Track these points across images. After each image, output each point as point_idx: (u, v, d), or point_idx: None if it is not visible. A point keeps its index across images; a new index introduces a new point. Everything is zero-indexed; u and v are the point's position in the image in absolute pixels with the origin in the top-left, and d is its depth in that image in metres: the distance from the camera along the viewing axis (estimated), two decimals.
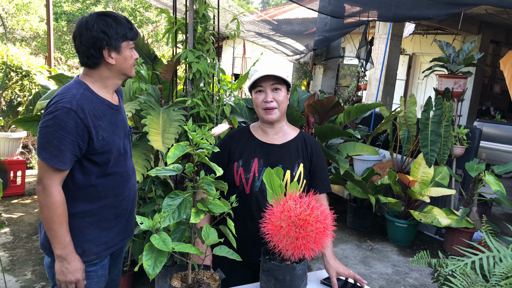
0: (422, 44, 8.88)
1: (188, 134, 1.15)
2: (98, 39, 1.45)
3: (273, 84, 1.62)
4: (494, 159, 6.46)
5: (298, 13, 7.32)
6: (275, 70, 1.62)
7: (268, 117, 1.64)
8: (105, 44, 1.47)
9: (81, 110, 1.42)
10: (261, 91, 1.63)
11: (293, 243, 1.20)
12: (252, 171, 1.64)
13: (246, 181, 1.64)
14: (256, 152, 1.68)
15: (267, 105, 1.62)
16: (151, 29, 11.43)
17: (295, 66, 10.59)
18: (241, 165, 1.66)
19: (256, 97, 1.65)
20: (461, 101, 4.26)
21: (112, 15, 1.50)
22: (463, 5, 3.69)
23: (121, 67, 1.53)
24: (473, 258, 1.89)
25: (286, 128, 1.75)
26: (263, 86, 1.62)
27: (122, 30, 1.49)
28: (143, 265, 1.08)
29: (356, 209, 4.39)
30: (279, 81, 1.62)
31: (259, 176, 1.64)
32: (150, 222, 1.16)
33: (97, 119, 1.47)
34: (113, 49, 1.49)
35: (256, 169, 1.65)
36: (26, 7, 9.56)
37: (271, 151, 1.68)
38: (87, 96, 1.47)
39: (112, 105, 1.57)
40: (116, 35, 1.48)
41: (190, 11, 2.64)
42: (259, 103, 1.64)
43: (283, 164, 1.66)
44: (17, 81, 5.23)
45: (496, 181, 3.46)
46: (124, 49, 1.51)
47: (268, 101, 1.61)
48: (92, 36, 1.45)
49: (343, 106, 3.17)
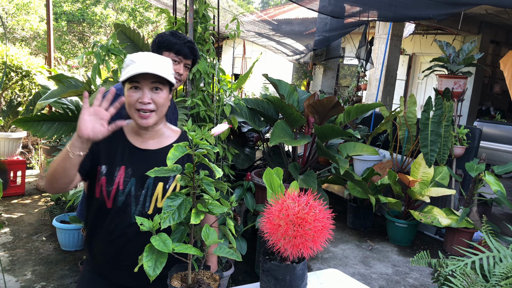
0: (422, 44, 8.88)
1: (188, 134, 1.15)
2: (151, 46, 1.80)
3: (153, 83, 1.35)
4: (494, 159, 6.46)
5: (298, 13, 7.32)
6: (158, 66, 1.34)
7: (143, 122, 1.35)
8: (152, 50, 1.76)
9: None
10: (137, 88, 1.34)
11: (291, 242, 1.20)
12: (116, 183, 1.38)
13: (108, 195, 1.38)
14: (125, 158, 1.40)
15: (143, 107, 1.34)
16: (151, 29, 11.43)
17: (295, 66, 10.60)
18: (104, 173, 1.39)
19: (130, 95, 1.34)
20: (461, 101, 4.26)
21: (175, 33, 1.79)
22: (463, 5, 3.69)
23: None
24: (473, 258, 1.89)
25: (165, 131, 1.48)
26: (141, 83, 1.34)
27: (168, 42, 1.74)
28: (144, 266, 1.08)
29: (356, 209, 4.39)
30: (161, 79, 1.35)
31: (124, 189, 1.38)
32: (150, 223, 1.16)
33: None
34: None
35: (121, 180, 1.38)
36: (26, 7, 9.57)
37: (143, 158, 1.41)
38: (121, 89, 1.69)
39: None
40: (161, 44, 1.74)
41: (190, 11, 2.64)
42: (133, 102, 1.34)
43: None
44: (17, 81, 5.23)
45: (496, 181, 3.46)
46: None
47: (144, 102, 1.33)
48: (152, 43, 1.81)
49: (343, 106, 3.17)
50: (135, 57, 1.35)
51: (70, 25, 10.71)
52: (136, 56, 1.35)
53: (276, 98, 3.14)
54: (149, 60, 1.35)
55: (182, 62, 1.79)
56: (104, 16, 10.49)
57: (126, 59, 1.37)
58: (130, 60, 1.35)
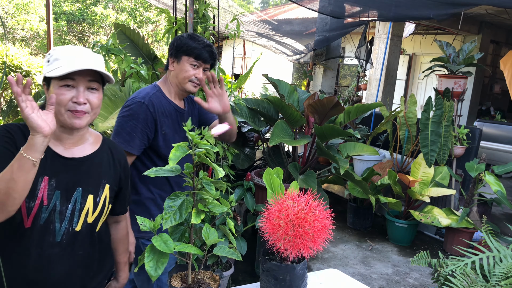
0: (422, 44, 8.87)
1: (187, 134, 1.15)
2: (169, 48, 1.79)
3: (90, 81, 1.22)
4: (494, 159, 6.46)
5: (298, 13, 7.32)
6: (97, 63, 1.21)
7: (75, 122, 1.20)
8: (171, 53, 1.77)
9: (152, 105, 1.68)
10: (69, 86, 1.19)
11: (291, 242, 1.20)
12: (39, 198, 1.19)
13: (28, 212, 1.18)
14: (47, 167, 1.20)
15: (77, 108, 1.19)
16: (151, 29, 11.43)
17: (295, 66, 10.59)
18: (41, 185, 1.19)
19: (61, 93, 1.17)
20: (461, 101, 4.26)
21: (193, 36, 1.77)
22: (463, 5, 3.69)
23: (177, 76, 1.75)
24: (473, 258, 1.89)
25: (88, 136, 1.33)
26: (76, 81, 1.19)
27: (187, 46, 1.72)
28: (145, 266, 1.09)
29: (356, 209, 4.39)
30: (97, 78, 1.23)
31: (48, 205, 1.20)
32: (151, 224, 1.16)
33: (163, 116, 1.72)
34: (175, 58, 1.76)
35: (45, 194, 1.19)
36: (26, 7, 9.57)
37: (69, 167, 1.25)
38: (158, 96, 1.74)
39: (178, 108, 1.81)
40: (179, 48, 1.73)
41: (190, 11, 2.64)
42: (65, 101, 1.18)
43: (84, 186, 1.26)
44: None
45: (496, 181, 3.46)
46: (183, 62, 1.73)
47: (80, 102, 1.19)
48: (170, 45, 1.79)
49: (343, 106, 3.16)
50: (68, 50, 1.20)
51: (70, 25, 10.71)
52: (69, 49, 1.20)
53: (276, 98, 3.13)
54: (86, 55, 1.21)
55: (201, 66, 1.77)
56: (104, 16, 10.49)
57: (53, 52, 1.20)
58: (61, 53, 1.19)
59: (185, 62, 1.73)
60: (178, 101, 1.83)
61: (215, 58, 1.82)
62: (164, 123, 1.73)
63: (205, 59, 1.76)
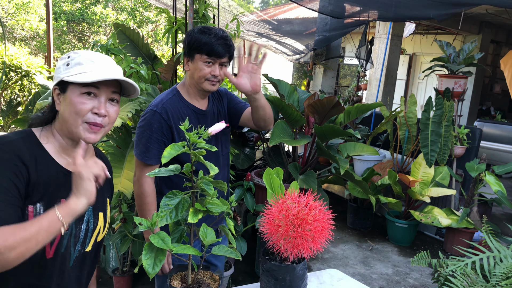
0: (422, 44, 8.87)
1: (185, 134, 1.15)
2: (183, 46, 1.69)
3: (113, 93, 1.13)
4: (495, 159, 6.46)
5: (298, 13, 7.32)
6: (121, 73, 1.15)
7: (91, 137, 1.10)
8: (184, 52, 1.67)
9: (165, 113, 1.62)
10: (90, 95, 1.09)
11: (291, 242, 1.19)
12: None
13: (52, 241, 1.06)
14: (61, 188, 1.08)
15: (96, 120, 1.09)
16: (151, 29, 11.43)
17: (295, 66, 10.59)
18: (41, 212, 1.03)
19: (81, 101, 1.07)
20: (461, 101, 4.25)
21: (204, 29, 1.62)
22: (463, 5, 3.68)
23: (193, 76, 1.66)
24: (473, 258, 1.89)
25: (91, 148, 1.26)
26: (99, 90, 1.09)
27: (198, 43, 1.59)
28: (143, 264, 1.08)
29: (356, 209, 4.38)
30: (119, 90, 1.16)
31: (68, 229, 1.09)
32: (149, 223, 1.16)
33: (180, 121, 1.64)
34: (188, 57, 1.66)
35: None
36: (25, 7, 9.57)
37: None
38: (174, 100, 1.67)
39: (198, 110, 1.72)
40: (191, 45, 1.61)
41: (190, 11, 2.63)
42: (85, 111, 1.08)
43: (95, 204, 1.10)
44: (16, 81, 5.23)
45: (496, 181, 3.46)
46: (197, 60, 1.62)
47: (101, 114, 1.09)
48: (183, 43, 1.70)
49: (343, 106, 3.16)
50: (92, 56, 1.11)
51: (70, 25, 10.71)
52: (93, 55, 1.11)
53: (276, 98, 3.13)
54: (112, 64, 1.13)
55: (216, 62, 1.63)
56: (104, 15, 10.49)
57: (74, 56, 1.11)
58: (84, 58, 1.09)
59: (198, 61, 1.62)
60: (199, 101, 1.73)
61: (231, 50, 1.66)
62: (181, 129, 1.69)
63: (218, 53, 1.60)
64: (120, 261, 2.85)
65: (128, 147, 2.54)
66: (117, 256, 2.88)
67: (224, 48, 1.62)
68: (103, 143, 2.60)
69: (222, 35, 1.62)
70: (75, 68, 1.07)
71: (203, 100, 1.75)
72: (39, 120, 1.14)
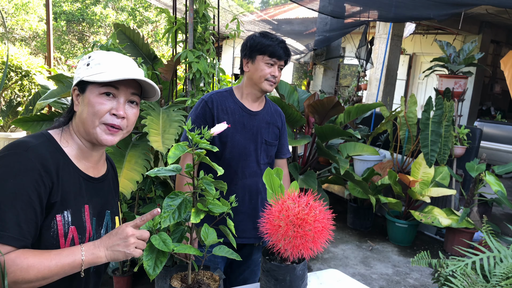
0: (422, 44, 8.87)
1: (187, 134, 1.15)
2: (241, 49, 1.78)
3: (132, 94, 1.10)
4: (495, 159, 6.45)
5: (298, 13, 7.32)
6: (142, 74, 1.11)
7: (108, 139, 1.07)
8: (244, 54, 1.76)
9: (211, 102, 1.74)
10: (109, 95, 1.06)
11: (291, 243, 1.19)
12: (88, 230, 1.07)
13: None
14: (83, 194, 1.08)
15: (115, 121, 1.06)
16: (151, 29, 11.43)
17: (295, 66, 10.59)
18: (70, 221, 1.02)
19: (101, 102, 1.04)
20: (461, 101, 4.25)
21: (265, 33, 1.75)
22: (464, 5, 3.68)
23: (252, 76, 1.74)
24: (473, 258, 1.89)
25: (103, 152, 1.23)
26: (119, 91, 1.06)
27: (261, 45, 1.70)
28: (144, 265, 1.08)
29: (357, 209, 4.38)
30: (139, 92, 1.12)
31: (93, 236, 1.10)
32: (150, 223, 1.15)
33: (224, 113, 1.74)
34: (249, 59, 1.75)
35: (89, 224, 1.08)
36: (25, 7, 9.57)
37: (98, 190, 1.14)
38: (224, 95, 1.78)
39: (246, 109, 1.78)
40: (253, 47, 1.71)
41: (190, 11, 2.63)
42: (103, 112, 1.05)
43: (109, 208, 1.17)
44: (16, 81, 5.23)
45: (496, 181, 3.46)
46: (258, 61, 1.72)
47: (120, 115, 1.06)
48: (242, 46, 1.78)
49: (343, 106, 3.16)
50: (112, 56, 1.08)
51: (70, 25, 10.71)
52: (113, 56, 1.09)
53: (276, 98, 3.13)
54: (132, 64, 1.10)
55: (276, 64, 1.74)
56: (104, 15, 10.49)
57: (95, 56, 1.08)
58: (103, 58, 1.07)
59: (260, 61, 1.72)
60: (249, 102, 1.80)
61: (289, 54, 1.77)
62: (223, 120, 1.71)
63: (279, 56, 1.72)
64: (120, 261, 2.85)
65: (128, 147, 2.54)
66: None
67: (284, 51, 1.74)
68: None
69: (281, 39, 1.76)
70: (95, 68, 1.05)
71: (255, 103, 1.82)
72: (58, 123, 1.12)
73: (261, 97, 1.82)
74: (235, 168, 1.75)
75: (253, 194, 1.79)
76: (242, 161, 1.76)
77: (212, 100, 1.75)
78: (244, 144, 1.75)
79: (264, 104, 1.86)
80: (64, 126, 1.11)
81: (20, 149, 0.97)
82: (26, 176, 0.94)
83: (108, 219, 1.16)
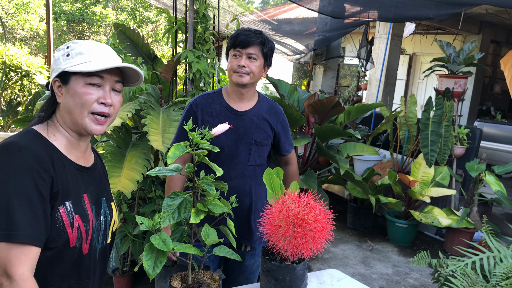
0: (422, 44, 8.87)
1: (188, 134, 1.15)
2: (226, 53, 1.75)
3: (117, 82, 1.11)
4: (495, 159, 6.45)
5: (298, 13, 7.32)
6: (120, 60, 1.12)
7: (97, 128, 1.08)
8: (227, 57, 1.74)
9: (195, 105, 1.75)
10: (94, 85, 1.06)
11: (291, 243, 1.19)
12: (91, 218, 1.09)
13: (86, 236, 1.07)
14: (79, 183, 1.10)
15: (103, 109, 1.07)
16: (151, 29, 11.43)
17: (295, 66, 10.59)
18: (73, 210, 1.04)
19: (87, 91, 1.05)
20: (461, 101, 4.25)
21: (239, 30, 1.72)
22: (464, 5, 3.68)
23: (228, 72, 1.73)
24: (473, 258, 1.89)
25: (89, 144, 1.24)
26: (104, 80, 1.07)
27: (229, 41, 1.69)
28: (143, 265, 1.08)
29: (356, 209, 4.38)
30: (121, 78, 1.13)
31: (95, 223, 1.12)
32: (150, 222, 1.16)
33: (208, 115, 1.73)
34: (227, 58, 1.73)
35: (90, 211, 1.10)
36: (25, 7, 9.57)
37: (91, 178, 1.16)
38: (212, 96, 1.76)
39: (232, 110, 1.74)
40: (227, 46, 1.71)
41: (190, 11, 2.64)
42: (91, 102, 1.05)
43: (104, 195, 1.18)
44: (16, 81, 5.23)
45: (496, 181, 3.46)
46: (229, 57, 1.71)
47: (107, 103, 1.07)
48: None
49: (343, 106, 3.16)
50: (93, 45, 1.08)
51: (70, 25, 10.71)
52: (93, 45, 1.09)
53: (276, 98, 3.13)
54: (113, 53, 1.12)
55: (242, 53, 1.65)
56: (104, 15, 10.49)
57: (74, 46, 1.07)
58: (85, 48, 1.06)
59: (230, 56, 1.71)
60: (235, 102, 1.74)
61: (255, 39, 1.63)
62: (208, 123, 1.70)
63: (241, 43, 1.62)
64: (120, 261, 2.85)
65: (128, 146, 2.54)
66: (117, 256, 2.88)
67: (246, 36, 1.62)
68: (103, 143, 2.60)
69: (248, 28, 1.69)
70: (77, 58, 1.04)
71: (242, 102, 1.74)
72: (40, 118, 1.11)
73: (245, 94, 1.73)
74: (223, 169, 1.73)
75: (240, 196, 1.67)
76: (228, 163, 1.70)
77: (197, 104, 1.75)
78: (230, 145, 1.70)
79: (255, 103, 1.77)
80: (49, 120, 1.10)
81: (13, 150, 0.96)
82: (25, 175, 0.94)
83: (105, 206, 1.17)
